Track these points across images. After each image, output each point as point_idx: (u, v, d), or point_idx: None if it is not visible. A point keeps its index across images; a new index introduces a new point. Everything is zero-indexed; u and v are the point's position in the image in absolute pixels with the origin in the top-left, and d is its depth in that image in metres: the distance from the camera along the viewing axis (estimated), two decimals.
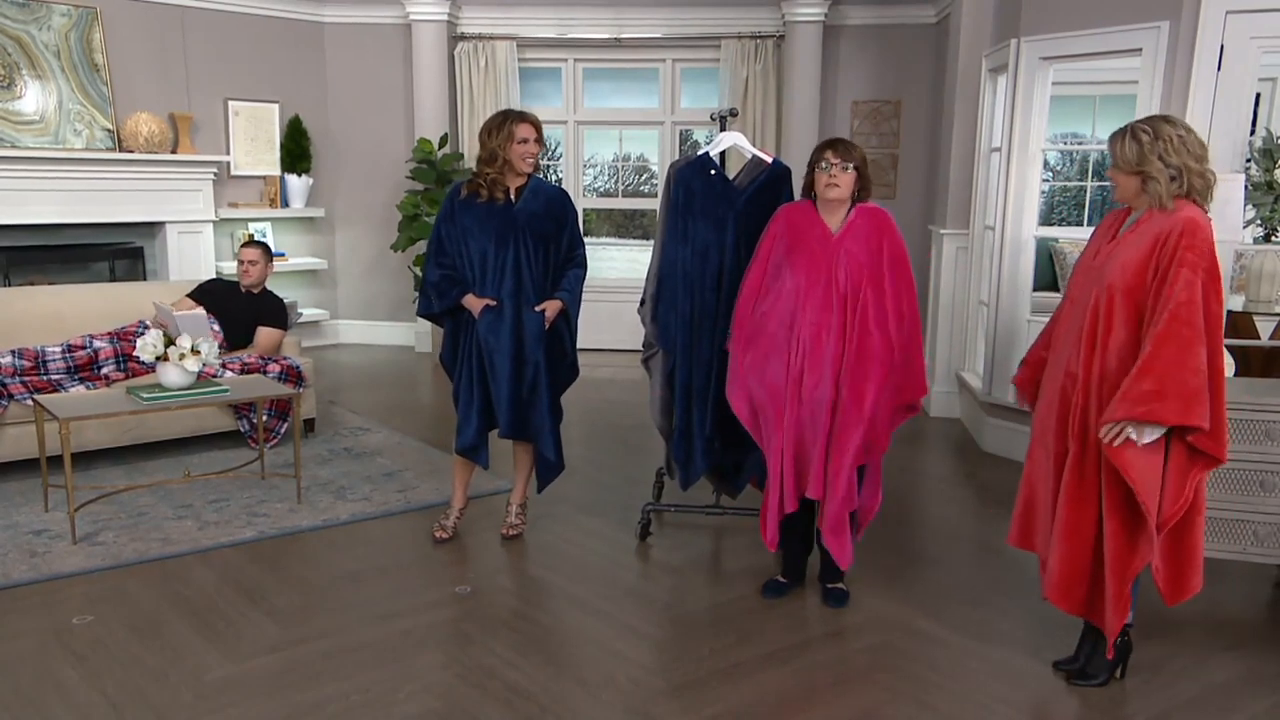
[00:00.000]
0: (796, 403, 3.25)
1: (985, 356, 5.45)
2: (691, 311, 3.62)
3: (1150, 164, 2.63)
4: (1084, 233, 8.08)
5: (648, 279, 3.85)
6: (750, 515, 4.06)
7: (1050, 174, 8.98)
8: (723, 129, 3.84)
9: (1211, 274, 2.58)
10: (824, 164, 3.23)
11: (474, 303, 3.67)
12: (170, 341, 4.11)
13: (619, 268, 10.54)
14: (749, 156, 3.77)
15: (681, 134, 8.09)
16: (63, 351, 4.77)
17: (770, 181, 3.63)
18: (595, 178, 9.79)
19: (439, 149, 7.52)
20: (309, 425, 5.40)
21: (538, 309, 3.68)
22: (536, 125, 3.64)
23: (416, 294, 7.67)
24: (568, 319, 3.78)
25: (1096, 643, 2.92)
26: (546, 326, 3.70)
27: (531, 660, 3.01)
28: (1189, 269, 2.56)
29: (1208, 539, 3.35)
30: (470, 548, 3.91)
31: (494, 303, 3.65)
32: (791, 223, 3.33)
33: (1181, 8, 4.14)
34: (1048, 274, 6.62)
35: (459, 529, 4.00)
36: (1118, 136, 2.72)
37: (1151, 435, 2.59)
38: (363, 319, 8.32)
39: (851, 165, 3.21)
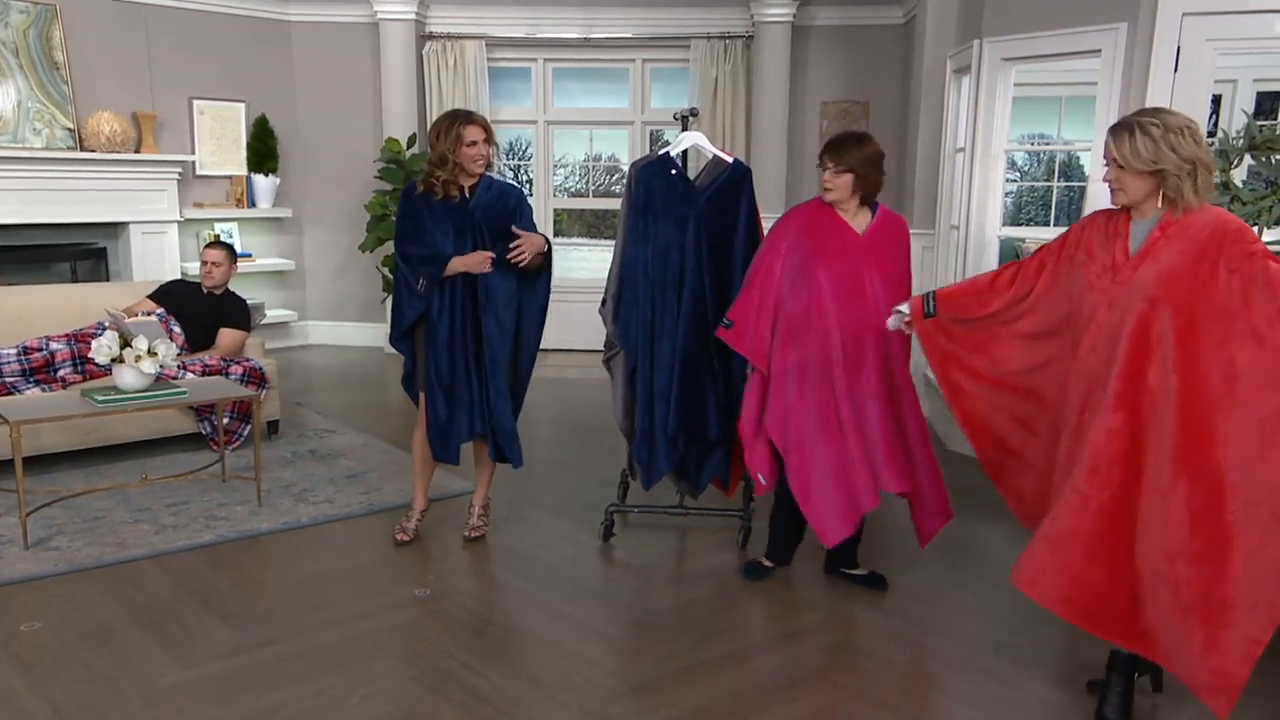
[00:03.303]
0: (846, 403, 3.25)
1: None
2: (653, 312, 3.61)
3: (1167, 160, 2.37)
4: (1050, 232, 8.15)
5: (609, 279, 3.84)
6: (713, 515, 4.07)
7: (1018, 174, 9.04)
8: (684, 129, 3.83)
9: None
10: (820, 165, 3.23)
11: (465, 261, 3.56)
12: (126, 343, 4.05)
13: (591, 268, 10.50)
14: (710, 156, 3.77)
15: (652, 134, 8.08)
16: (18, 354, 4.70)
17: (731, 182, 3.63)
18: (566, 178, 9.78)
19: (407, 149, 7.48)
20: (273, 427, 5.34)
21: (513, 245, 3.55)
22: (485, 126, 3.61)
23: (386, 295, 7.63)
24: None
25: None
26: (523, 264, 3.58)
27: (490, 663, 2.99)
28: (1272, 260, 2.37)
29: None
30: (432, 550, 3.88)
31: (492, 254, 3.56)
32: (809, 224, 3.27)
33: (1139, 10, 4.18)
34: None
35: (421, 531, 3.97)
36: (1123, 132, 2.44)
37: None
38: (331, 320, 8.26)
39: (845, 169, 3.18)
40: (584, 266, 10.67)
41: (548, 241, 3.69)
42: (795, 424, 3.26)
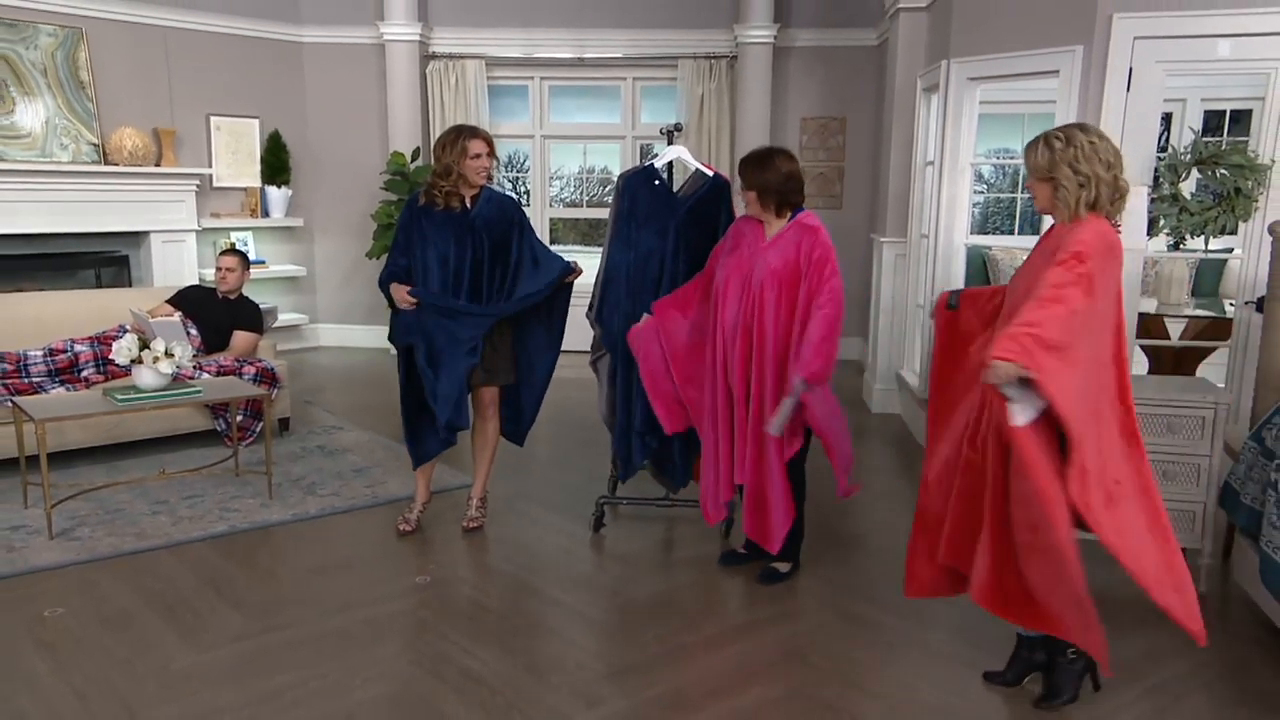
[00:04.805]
0: (724, 391, 3.34)
1: (922, 356, 5.48)
2: (634, 314, 3.61)
3: (1060, 171, 2.46)
4: (1014, 240, 8.17)
5: (595, 284, 3.84)
6: (698, 506, 4.05)
7: (984, 186, 9.05)
8: (670, 143, 3.82)
9: (1089, 280, 2.35)
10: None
11: (399, 291, 3.59)
12: (145, 345, 4.03)
13: (585, 273, 10.50)
14: (692, 169, 3.76)
15: (642, 148, 8.07)
16: (44, 355, 4.68)
17: (710, 193, 3.63)
18: (561, 189, 9.75)
19: (411, 161, 7.46)
20: (284, 424, 5.32)
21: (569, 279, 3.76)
22: (488, 140, 3.62)
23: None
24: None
25: (1051, 655, 2.74)
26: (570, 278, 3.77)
27: (485, 647, 2.98)
28: (1063, 268, 2.37)
29: None
30: (432, 540, 3.87)
31: (414, 303, 3.57)
32: (739, 229, 3.40)
33: (1094, 33, 4.18)
34: (981, 278, 6.68)
35: (422, 522, 3.96)
36: (1032, 144, 2.55)
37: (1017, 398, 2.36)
38: (340, 323, 8.23)
39: (748, 188, 3.26)
40: None
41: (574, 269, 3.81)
42: (697, 412, 3.47)
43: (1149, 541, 2.45)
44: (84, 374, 4.72)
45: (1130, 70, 4.12)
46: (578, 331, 4.53)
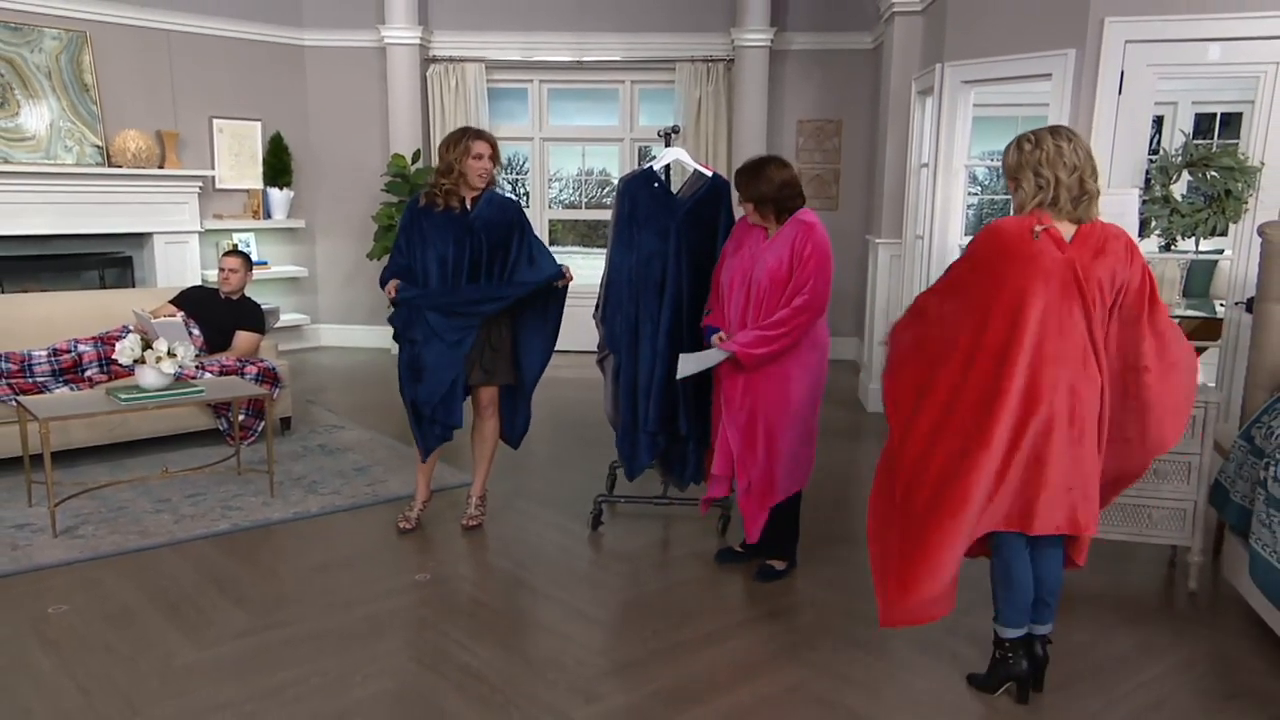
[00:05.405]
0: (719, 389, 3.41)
1: None
2: (636, 315, 3.60)
3: (1023, 173, 2.49)
4: None
5: (601, 286, 3.84)
6: (696, 504, 4.05)
7: (978, 188, 9.05)
8: (667, 145, 3.81)
9: (952, 270, 2.61)
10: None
11: (389, 287, 3.63)
12: (148, 345, 4.03)
13: (583, 274, 10.46)
14: (691, 170, 3.76)
15: (640, 150, 8.06)
16: (48, 355, 4.67)
17: (709, 194, 3.62)
18: (560, 191, 9.73)
19: (412, 164, 7.45)
20: (286, 423, 5.32)
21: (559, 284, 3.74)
22: (492, 143, 3.62)
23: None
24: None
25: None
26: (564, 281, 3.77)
27: (485, 643, 2.97)
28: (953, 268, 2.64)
29: (1110, 521, 3.39)
30: (432, 538, 3.87)
31: (392, 293, 3.60)
32: (743, 229, 3.39)
33: (1085, 37, 4.19)
34: None
35: (422, 520, 3.95)
36: (1008, 146, 2.59)
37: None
38: (342, 323, 8.23)
39: (745, 200, 3.27)
40: (577, 273, 10.59)
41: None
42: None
43: (908, 521, 2.61)
44: (88, 374, 4.71)
45: (1122, 74, 4.13)
46: (582, 332, 4.55)
